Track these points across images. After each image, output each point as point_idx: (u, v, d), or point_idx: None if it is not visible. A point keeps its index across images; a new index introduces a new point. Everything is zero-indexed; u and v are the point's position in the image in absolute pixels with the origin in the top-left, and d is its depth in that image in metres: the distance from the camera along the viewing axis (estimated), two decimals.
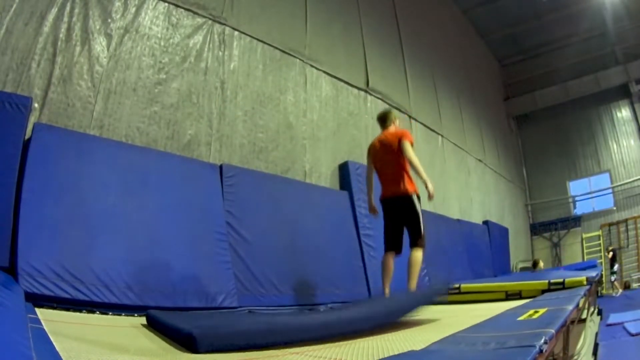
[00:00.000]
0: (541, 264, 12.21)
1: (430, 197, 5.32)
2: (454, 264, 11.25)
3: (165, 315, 3.50)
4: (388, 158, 5.60)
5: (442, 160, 13.50)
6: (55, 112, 5.16)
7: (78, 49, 5.49)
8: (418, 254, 5.36)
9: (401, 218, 5.56)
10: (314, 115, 8.77)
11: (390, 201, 5.61)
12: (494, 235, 14.91)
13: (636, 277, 17.01)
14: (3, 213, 4.18)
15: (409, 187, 5.47)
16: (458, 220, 13.05)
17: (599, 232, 19.22)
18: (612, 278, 16.24)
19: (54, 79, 5.19)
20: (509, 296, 6.47)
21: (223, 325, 3.17)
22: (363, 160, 9.23)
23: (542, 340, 2.19)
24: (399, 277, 5.77)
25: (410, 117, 11.99)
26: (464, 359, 2.22)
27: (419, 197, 5.54)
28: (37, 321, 2.90)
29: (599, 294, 12.20)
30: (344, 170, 8.79)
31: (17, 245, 4.13)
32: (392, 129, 5.82)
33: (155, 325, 3.39)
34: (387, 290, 5.53)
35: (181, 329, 2.85)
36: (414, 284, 5.30)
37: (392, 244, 5.70)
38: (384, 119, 5.99)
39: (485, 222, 15.04)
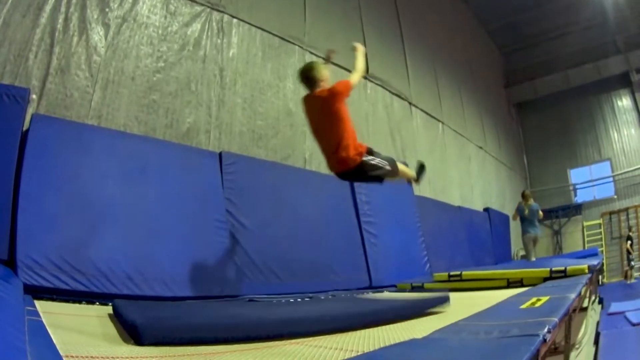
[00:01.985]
0: (531, 200, 11.73)
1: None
2: (455, 251, 11.25)
3: (125, 305, 3.42)
4: (322, 123, 4.65)
5: (442, 147, 13.48)
6: (54, 102, 5.14)
7: (76, 39, 5.46)
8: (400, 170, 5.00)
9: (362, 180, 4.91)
10: None
11: (341, 175, 4.67)
12: (495, 222, 14.89)
13: (637, 266, 16.98)
14: (2, 205, 4.17)
15: (355, 156, 4.50)
16: (459, 207, 13.03)
17: (600, 221, 19.19)
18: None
19: (51, 70, 5.16)
20: (511, 284, 6.44)
21: (173, 317, 3.10)
22: None
23: (546, 329, 2.17)
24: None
25: (410, 103, 11.94)
26: (466, 348, 2.20)
27: (371, 152, 4.68)
28: (35, 313, 2.88)
29: (600, 283, 12.10)
30: None
31: (16, 238, 4.12)
32: (320, 88, 4.60)
33: (116, 316, 3.33)
34: None
35: (128, 319, 2.80)
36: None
37: None
38: (308, 78, 4.65)
39: (486, 210, 15.02)
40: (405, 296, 5.39)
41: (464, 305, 4.40)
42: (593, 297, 7.54)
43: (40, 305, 3.33)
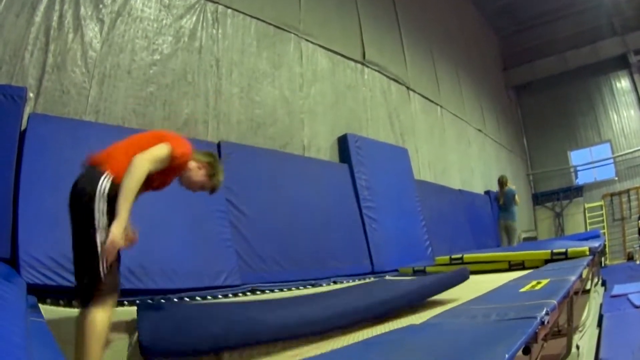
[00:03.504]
0: (508, 186, 11.53)
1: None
2: (456, 235, 11.28)
3: (144, 316, 3.35)
4: None
5: (441, 130, 13.47)
6: (51, 100, 5.15)
7: (71, 36, 5.45)
8: (94, 319, 2.53)
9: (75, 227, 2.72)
10: (311, 90, 8.74)
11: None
12: (496, 202, 14.91)
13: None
14: (2, 205, 4.19)
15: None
16: (460, 190, 13.05)
17: (601, 202, 19.17)
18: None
19: (47, 68, 5.16)
20: (512, 266, 6.47)
21: (181, 330, 2.99)
22: (362, 132, 9.25)
23: (544, 312, 2.19)
24: None
25: (408, 88, 11.93)
26: (463, 332, 2.22)
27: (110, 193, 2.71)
28: (38, 312, 2.91)
29: (602, 265, 12.03)
30: (343, 143, 8.79)
31: (17, 237, 4.14)
32: None
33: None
34: None
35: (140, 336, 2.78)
36: None
37: (76, 281, 2.70)
38: None
39: (487, 192, 15.00)
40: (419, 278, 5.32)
41: (465, 288, 4.42)
42: (596, 280, 7.56)
43: (43, 303, 3.36)
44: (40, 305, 3.46)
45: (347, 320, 3.30)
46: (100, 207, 2.63)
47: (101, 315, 2.54)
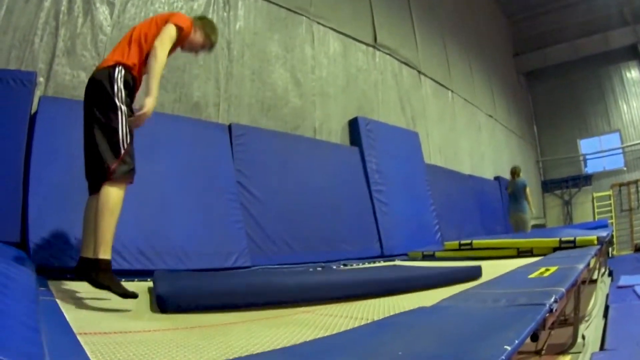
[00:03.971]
0: (519, 177, 11.40)
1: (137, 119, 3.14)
2: (465, 220, 11.28)
3: (159, 276, 3.54)
4: None
5: (452, 115, 13.44)
6: (61, 84, 5.15)
7: (81, 20, 5.42)
8: (108, 193, 2.95)
9: (88, 120, 3.17)
10: (322, 72, 8.72)
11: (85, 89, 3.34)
12: (506, 191, 14.88)
13: None
14: (12, 189, 4.22)
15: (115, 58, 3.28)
16: (470, 175, 13.05)
17: (610, 192, 19.15)
18: None
19: (57, 52, 5.15)
20: (521, 253, 6.49)
21: (194, 286, 3.24)
22: (373, 115, 9.23)
23: (553, 299, 2.21)
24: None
25: (419, 72, 11.88)
26: (473, 315, 2.24)
27: (130, 76, 3.27)
28: (49, 293, 2.94)
29: (610, 255, 11.96)
30: (354, 126, 8.80)
31: (27, 220, 4.18)
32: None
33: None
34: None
35: (155, 290, 2.99)
36: (97, 245, 2.96)
37: (87, 175, 3.16)
38: None
39: (497, 178, 14.99)
40: (434, 265, 5.39)
41: None
42: (603, 270, 7.55)
43: (54, 285, 3.39)
44: (49, 282, 3.51)
45: (358, 291, 3.49)
46: (120, 88, 3.13)
47: (115, 190, 2.96)
